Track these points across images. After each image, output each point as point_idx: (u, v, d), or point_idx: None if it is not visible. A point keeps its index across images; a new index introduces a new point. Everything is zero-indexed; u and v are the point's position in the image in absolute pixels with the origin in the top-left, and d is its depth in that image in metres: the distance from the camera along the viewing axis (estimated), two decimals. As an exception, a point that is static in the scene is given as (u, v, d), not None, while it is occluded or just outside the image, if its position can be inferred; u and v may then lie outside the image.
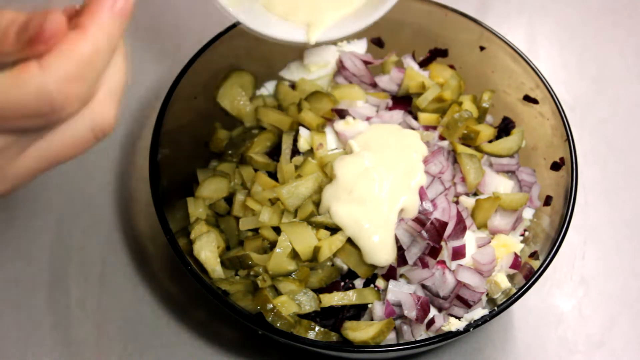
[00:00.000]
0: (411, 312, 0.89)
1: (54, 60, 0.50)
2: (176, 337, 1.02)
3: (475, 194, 1.02)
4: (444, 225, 0.92)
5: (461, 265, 0.93)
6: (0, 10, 0.51)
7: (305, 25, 0.88)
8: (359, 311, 0.94)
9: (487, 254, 0.94)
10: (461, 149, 1.01)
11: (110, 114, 0.56)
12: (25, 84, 0.50)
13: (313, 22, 0.87)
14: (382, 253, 0.92)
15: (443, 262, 0.93)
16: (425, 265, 0.92)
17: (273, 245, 0.93)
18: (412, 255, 0.92)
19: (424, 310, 0.90)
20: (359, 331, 0.90)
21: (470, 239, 0.96)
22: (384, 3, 0.84)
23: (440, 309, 0.92)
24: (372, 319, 0.93)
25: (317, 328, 0.92)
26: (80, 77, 0.51)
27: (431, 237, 0.91)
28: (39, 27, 0.49)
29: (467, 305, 0.91)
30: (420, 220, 0.92)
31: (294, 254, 0.92)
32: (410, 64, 1.12)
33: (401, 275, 0.95)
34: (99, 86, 0.55)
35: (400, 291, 0.91)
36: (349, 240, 0.93)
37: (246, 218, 0.96)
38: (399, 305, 0.91)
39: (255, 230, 0.96)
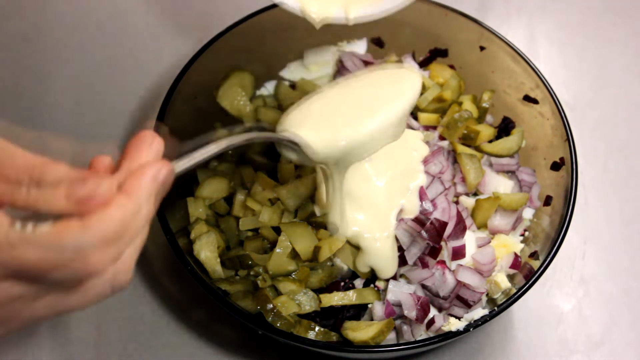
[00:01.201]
0: (411, 312, 0.89)
1: (96, 222, 0.51)
2: (176, 337, 1.02)
3: (475, 194, 1.02)
4: (443, 225, 0.92)
5: (461, 265, 0.93)
6: (56, 162, 0.52)
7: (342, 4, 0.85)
8: (359, 311, 0.94)
9: (487, 254, 0.94)
10: (461, 149, 1.01)
11: (130, 271, 0.57)
12: (65, 241, 0.50)
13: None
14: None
15: (443, 262, 0.93)
16: (425, 265, 0.92)
17: (273, 245, 0.93)
18: (412, 255, 0.92)
19: (424, 310, 0.90)
20: (359, 331, 0.90)
21: (470, 239, 0.96)
22: None
23: (440, 309, 0.92)
24: (372, 319, 0.93)
25: (317, 328, 0.92)
26: (118, 241, 0.52)
27: (431, 237, 0.91)
28: (92, 191, 0.51)
29: (467, 305, 0.91)
30: (420, 220, 0.92)
31: (294, 254, 0.92)
32: (411, 63, 1.12)
33: (401, 275, 0.95)
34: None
35: (400, 291, 0.91)
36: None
37: (246, 218, 0.96)
38: (399, 305, 0.91)
39: (255, 230, 0.96)
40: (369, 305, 0.94)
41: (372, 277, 0.96)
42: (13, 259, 0.49)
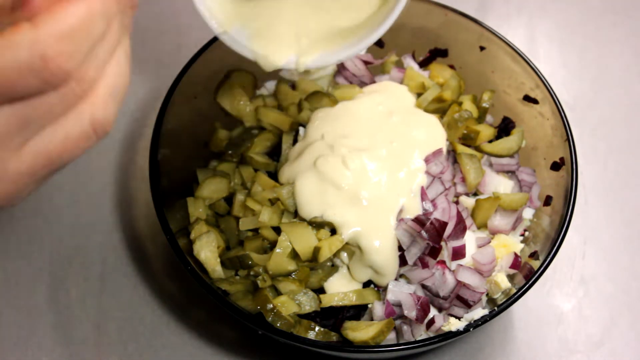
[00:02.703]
0: (411, 312, 0.89)
1: (47, 19, 0.50)
2: (176, 337, 1.02)
3: (475, 194, 1.02)
4: (443, 225, 0.92)
5: (461, 265, 0.93)
6: None
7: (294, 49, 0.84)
8: (359, 311, 0.94)
9: (487, 254, 0.94)
10: (461, 149, 1.01)
11: (110, 111, 0.56)
12: (17, 42, 0.49)
13: (303, 50, 0.83)
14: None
15: (443, 262, 0.93)
16: (425, 265, 0.92)
17: (273, 245, 0.93)
18: (412, 255, 0.92)
19: (424, 310, 0.90)
20: (359, 331, 0.90)
21: (470, 239, 0.96)
22: (377, 29, 0.78)
23: (440, 309, 0.92)
24: (372, 319, 0.93)
25: (317, 328, 0.92)
26: (73, 38, 0.51)
27: (431, 237, 0.91)
28: None
29: (467, 305, 0.91)
30: (420, 220, 0.92)
31: (294, 254, 0.92)
32: (410, 64, 1.12)
33: (401, 276, 0.95)
34: (98, 78, 0.55)
35: (400, 291, 0.91)
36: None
37: (246, 218, 0.96)
38: (399, 305, 0.91)
39: (255, 230, 0.96)
40: (369, 305, 0.94)
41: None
42: None
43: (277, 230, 0.94)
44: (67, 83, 0.52)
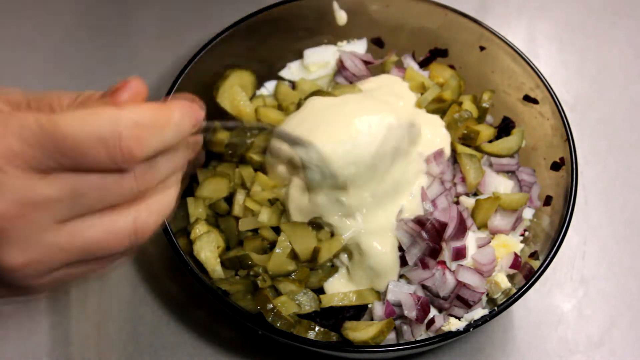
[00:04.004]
0: (411, 313, 0.89)
1: (130, 106, 0.54)
2: (176, 337, 1.02)
3: (475, 194, 1.02)
4: (443, 225, 0.92)
5: (461, 265, 0.93)
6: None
7: None
8: (359, 311, 0.94)
9: (487, 254, 0.94)
10: (461, 149, 1.01)
11: (151, 225, 0.59)
12: (101, 114, 0.53)
13: None
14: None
15: (443, 263, 0.93)
16: (425, 265, 0.92)
17: (273, 245, 0.93)
18: (412, 255, 0.92)
19: (424, 310, 0.90)
20: (359, 331, 0.90)
21: (471, 239, 0.96)
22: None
23: (440, 309, 0.92)
24: (372, 319, 0.93)
25: (317, 328, 0.92)
26: (149, 130, 0.54)
27: (431, 237, 0.91)
28: (122, 83, 0.57)
29: (467, 305, 0.91)
30: (420, 221, 0.92)
31: (294, 254, 0.92)
32: (410, 63, 1.12)
33: (401, 276, 0.95)
34: (153, 189, 0.59)
35: (400, 291, 0.91)
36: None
37: (246, 218, 0.96)
38: (399, 305, 0.91)
39: (255, 231, 0.96)
40: (369, 306, 0.94)
41: (372, 277, 0.96)
42: (56, 138, 0.51)
43: (277, 230, 0.94)
44: (129, 174, 0.55)
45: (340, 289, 0.95)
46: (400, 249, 0.93)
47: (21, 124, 0.52)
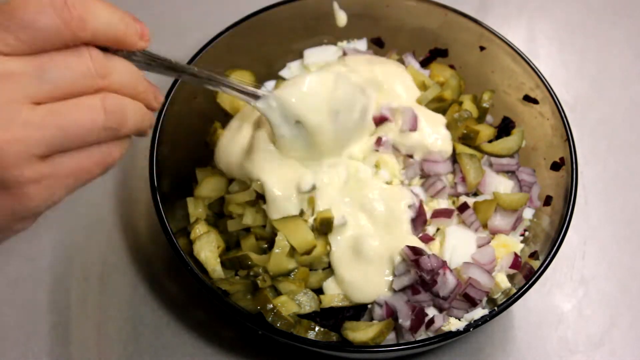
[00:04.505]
0: (405, 322, 0.89)
1: None
2: (176, 337, 1.02)
3: (475, 194, 1.02)
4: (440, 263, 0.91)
5: (470, 263, 0.93)
6: None
7: None
8: (358, 311, 0.94)
9: (487, 253, 0.94)
10: (461, 148, 1.01)
11: (120, 108, 0.61)
12: None
13: None
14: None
15: (444, 263, 0.93)
16: (416, 291, 0.91)
17: (267, 240, 0.93)
18: (400, 283, 0.92)
19: (418, 319, 0.89)
20: (359, 331, 0.90)
21: (471, 239, 0.96)
22: None
23: (440, 309, 0.92)
24: (371, 319, 0.93)
25: (317, 328, 0.92)
26: (94, 3, 0.60)
27: (427, 272, 0.91)
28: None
29: (473, 303, 0.91)
30: (417, 251, 0.91)
31: (292, 252, 0.92)
32: (412, 62, 1.12)
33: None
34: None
35: (396, 299, 0.91)
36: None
37: (232, 220, 0.96)
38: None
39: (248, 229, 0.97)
40: (369, 306, 0.94)
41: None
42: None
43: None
44: (85, 53, 0.59)
45: (339, 289, 0.95)
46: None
47: None
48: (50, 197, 0.59)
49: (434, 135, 1.00)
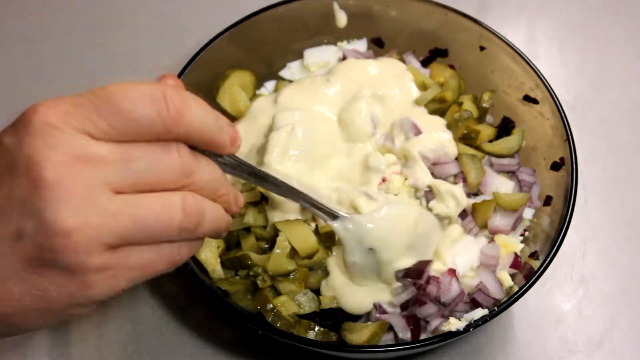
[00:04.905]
0: (405, 334, 0.89)
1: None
2: (176, 337, 1.02)
3: (476, 194, 1.02)
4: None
5: (481, 266, 0.94)
6: None
7: None
8: (357, 312, 0.94)
9: (494, 247, 0.95)
10: (462, 148, 1.01)
11: (198, 212, 0.59)
12: (146, 82, 0.57)
13: None
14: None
15: (453, 271, 0.92)
16: (420, 303, 0.91)
17: (266, 240, 0.93)
18: (399, 299, 0.92)
19: (417, 328, 0.90)
20: (355, 333, 0.90)
21: (473, 244, 0.96)
22: None
23: (438, 311, 0.92)
24: (368, 320, 0.93)
25: (316, 328, 0.91)
26: (193, 100, 0.60)
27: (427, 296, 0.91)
28: (162, 76, 0.64)
29: (477, 306, 0.91)
30: (418, 272, 0.91)
31: (293, 253, 0.92)
32: (412, 62, 1.12)
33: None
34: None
35: (390, 314, 0.91)
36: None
37: (233, 219, 0.96)
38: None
39: (249, 229, 0.96)
40: (369, 306, 0.94)
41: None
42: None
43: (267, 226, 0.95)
44: (173, 149, 0.58)
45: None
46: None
47: (75, 95, 0.56)
48: (112, 289, 0.57)
49: (438, 137, 1.00)
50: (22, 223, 0.53)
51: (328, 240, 0.93)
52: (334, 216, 0.87)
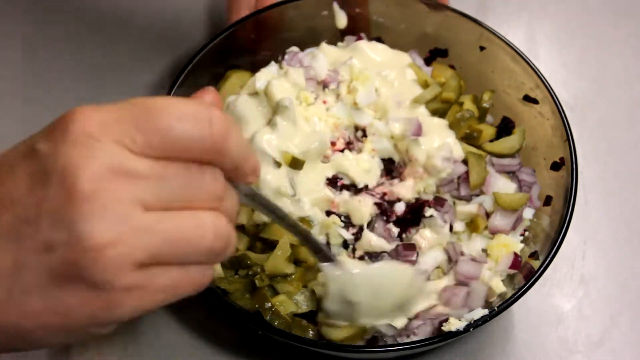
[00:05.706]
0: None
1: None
2: (176, 337, 1.02)
3: (477, 195, 1.01)
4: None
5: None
6: None
7: None
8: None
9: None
10: (465, 147, 1.01)
11: (227, 235, 0.58)
12: (189, 100, 0.57)
13: None
14: None
15: None
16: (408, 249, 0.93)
17: (263, 240, 0.93)
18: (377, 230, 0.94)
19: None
20: (335, 330, 0.89)
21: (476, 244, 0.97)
22: None
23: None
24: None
25: (315, 327, 0.91)
26: (236, 128, 0.57)
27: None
28: (201, 90, 0.63)
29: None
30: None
31: (293, 258, 0.92)
32: (416, 59, 1.11)
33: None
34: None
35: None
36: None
37: None
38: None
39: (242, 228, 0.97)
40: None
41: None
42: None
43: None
44: (210, 170, 0.56)
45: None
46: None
47: (114, 104, 0.54)
48: (136, 309, 0.55)
49: (443, 139, 0.99)
50: (51, 235, 0.51)
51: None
52: (330, 260, 0.82)
